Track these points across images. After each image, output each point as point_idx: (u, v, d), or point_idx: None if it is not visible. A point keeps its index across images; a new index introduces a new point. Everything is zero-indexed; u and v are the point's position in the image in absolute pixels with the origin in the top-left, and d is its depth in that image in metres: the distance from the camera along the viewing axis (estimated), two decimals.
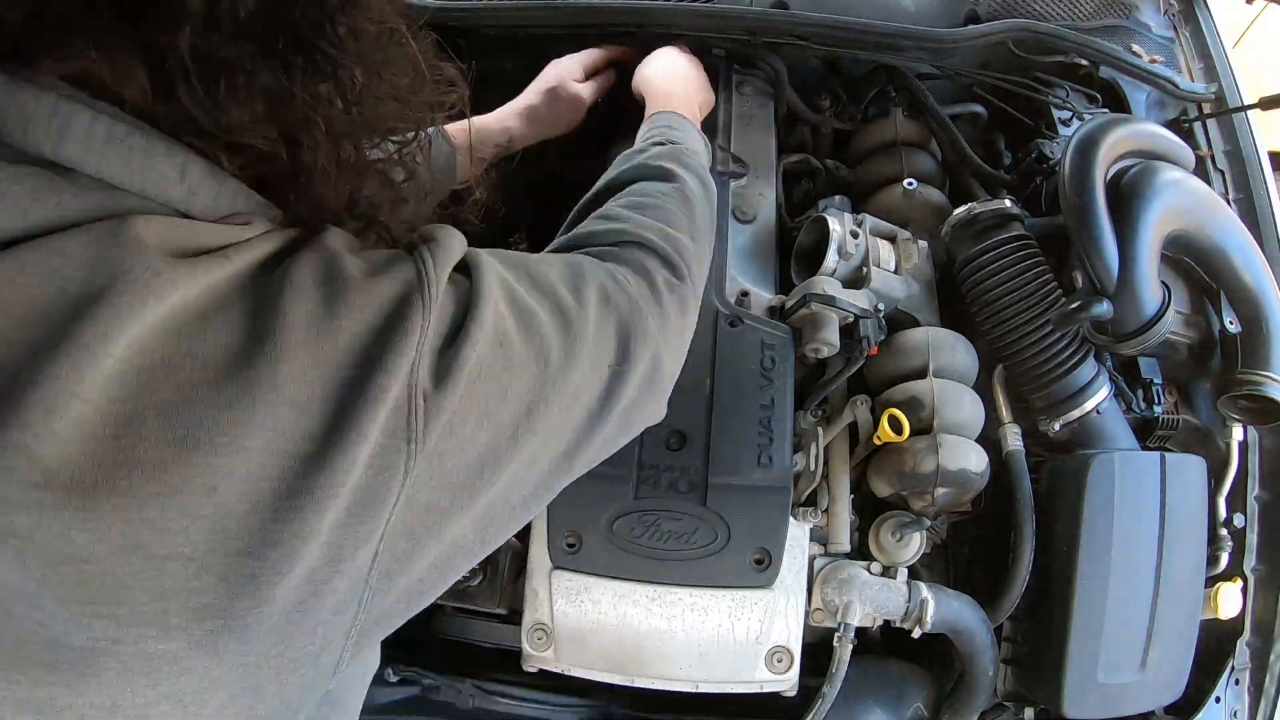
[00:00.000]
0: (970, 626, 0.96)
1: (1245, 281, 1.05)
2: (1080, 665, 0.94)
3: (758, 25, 1.26)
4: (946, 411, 0.99)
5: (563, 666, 0.92)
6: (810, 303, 1.00)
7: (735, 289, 1.08)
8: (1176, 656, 1.00)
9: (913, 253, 1.12)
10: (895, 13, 1.30)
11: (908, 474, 0.97)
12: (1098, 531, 0.96)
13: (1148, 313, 0.96)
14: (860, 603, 0.93)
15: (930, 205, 1.23)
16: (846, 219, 1.11)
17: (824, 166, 1.38)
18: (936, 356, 1.03)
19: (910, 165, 1.28)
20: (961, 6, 1.33)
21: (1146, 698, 0.99)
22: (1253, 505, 1.15)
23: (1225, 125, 1.38)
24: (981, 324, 1.09)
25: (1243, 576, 1.13)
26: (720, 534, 0.91)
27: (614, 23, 1.30)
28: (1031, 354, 1.03)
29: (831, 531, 1.00)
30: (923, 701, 1.03)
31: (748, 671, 0.90)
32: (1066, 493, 0.99)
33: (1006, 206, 1.10)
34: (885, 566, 0.98)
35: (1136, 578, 0.97)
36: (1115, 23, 1.38)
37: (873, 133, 1.37)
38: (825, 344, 0.99)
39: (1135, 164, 1.04)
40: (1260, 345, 1.02)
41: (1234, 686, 1.11)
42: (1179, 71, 1.39)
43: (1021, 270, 1.06)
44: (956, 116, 1.38)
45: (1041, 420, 1.05)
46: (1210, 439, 1.14)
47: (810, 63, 1.41)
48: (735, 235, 1.14)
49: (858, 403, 1.04)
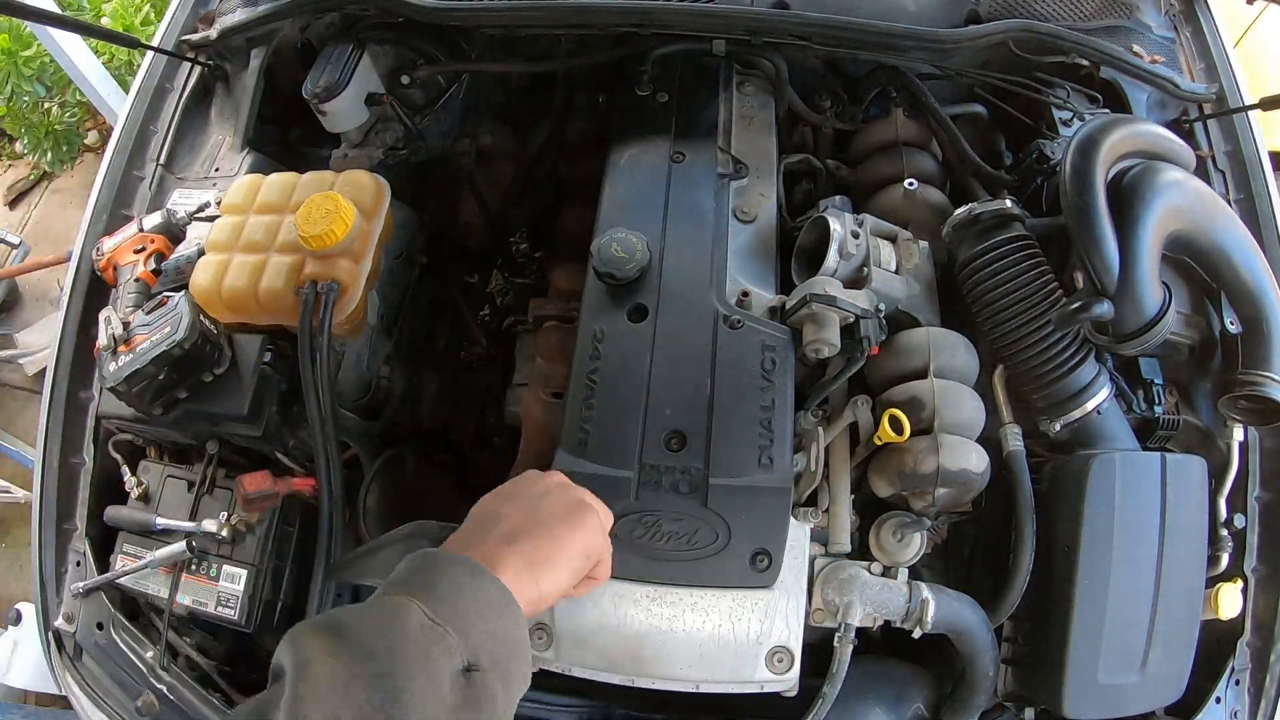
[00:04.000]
0: (970, 627, 0.96)
1: (1246, 282, 1.05)
2: (1081, 665, 0.94)
3: (758, 25, 1.26)
4: (947, 412, 0.98)
5: (563, 666, 0.92)
6: (811, 303, 1.00)
7: (736, 289, 1.08)
8: (1177, 657, 1.00)
9: (913, 253, 1.12)
10: (896, 13, 1.30)
11: (908, 474, 0.97)
12: (1098, 532, 0.96)
13: (1148, 313, 0.96)
14: (860, 603, 0.93)
15: (931, 205, 1.23)
16: (847, 219, 1.11)
17: (824, 167, 1.38)
18: (937, 356, 1.03)
19: (911, 165, 1.28)
20: (962, 7, 1.33)
21: (1147, 698, 0.99)
22: (1253, 506, 1.15)
23: (1226, 125, 1.38)
24: (982, 324, 1.09)
25: (1243, 577, 1.13)
26: (721, 534, 0.91)
27: (614, 23, 1.30)
28: (1032, 354, 1.03)
29: (832, 531, 1.00)
30: (923, 701, 1.03)
31: (748, 671, 0.90)
32: (1067, 493, 0.99)
33: (1007, 207, 1.10)
34: (886, 567, 0.98)
35: (1137, 578, 0.97)
36: (1116, 23, 1.38)
37: (873, 133, 1.37)
38: (826, 344, 0.99)
39: (1136, 164, 1.04)
40: (1261, 345, 1.02)
41: (1234, 687, 1.11)
42: (1180, 72, 1.39)
43: (1022, 270, 1.06)
44: (957, 117, 1.38)
45: (1042, 420, 1.05)
46: (1211, 439, 1.14)
47: (811, 63, 1.41)
48: (736, 236, 1.14)
49: (858, 403, 1.04)
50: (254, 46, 1.43)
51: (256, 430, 1.12)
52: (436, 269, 1.60)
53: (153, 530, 1.16)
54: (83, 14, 2.81)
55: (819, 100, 1.41)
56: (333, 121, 1.35)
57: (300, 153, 1.50)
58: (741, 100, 1.30)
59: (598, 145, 1.30)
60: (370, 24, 1.39)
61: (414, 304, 1.49)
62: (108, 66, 2.73)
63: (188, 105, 1.45)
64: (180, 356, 1.06)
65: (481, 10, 1.28)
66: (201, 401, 1.11)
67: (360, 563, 1.09)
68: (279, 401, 1.15)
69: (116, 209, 1.38)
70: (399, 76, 1.38)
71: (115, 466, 1.24)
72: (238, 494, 1.11)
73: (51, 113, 3.01)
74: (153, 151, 1.42)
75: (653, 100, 1.30)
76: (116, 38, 1.69)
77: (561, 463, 0.96)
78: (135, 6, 2.77)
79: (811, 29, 1.24)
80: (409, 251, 1.45)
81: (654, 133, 1.25)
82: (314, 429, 1.10)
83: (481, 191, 1.69)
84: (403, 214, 1.41)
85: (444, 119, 1.48)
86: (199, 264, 1.15)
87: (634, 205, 1.16)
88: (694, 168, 1.20)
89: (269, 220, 1.17)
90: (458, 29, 1.40)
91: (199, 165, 1.41)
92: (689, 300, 1.05)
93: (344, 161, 1.41)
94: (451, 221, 1.74)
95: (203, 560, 1.15)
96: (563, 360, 1.17)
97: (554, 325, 1.28)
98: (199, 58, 1.47)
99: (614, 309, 1.07)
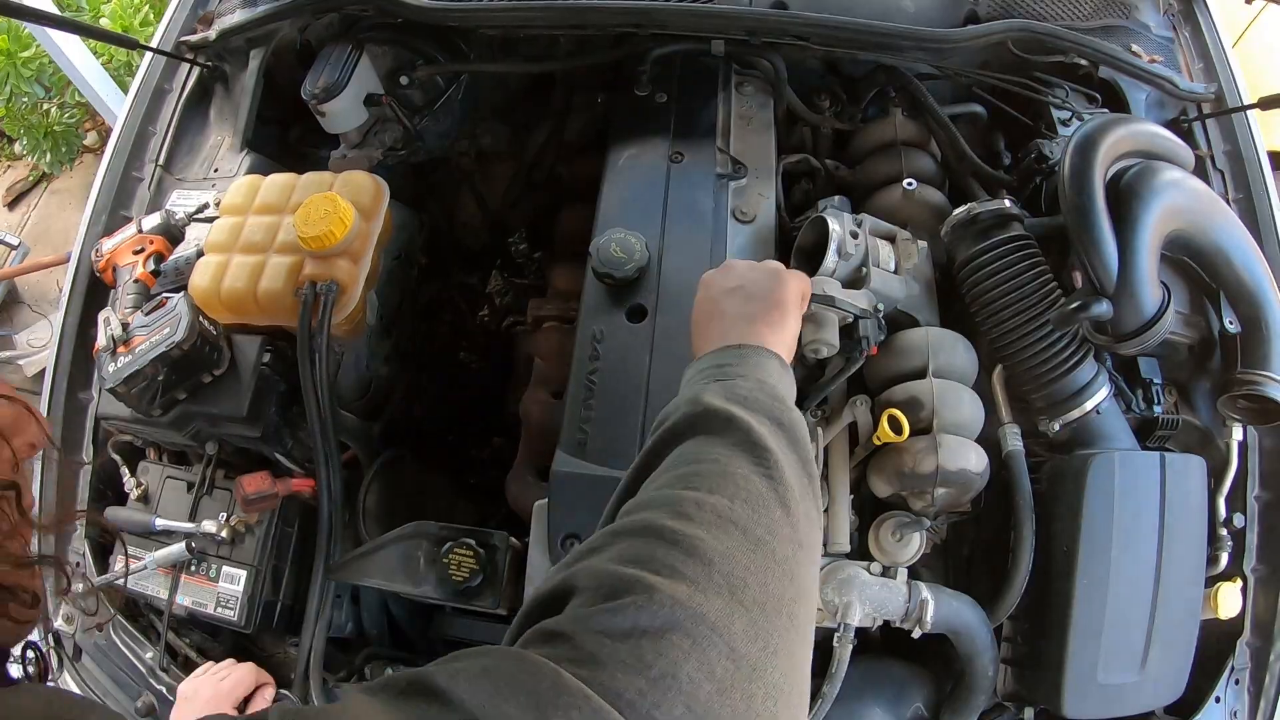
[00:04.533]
0: (970, 626, 0.96)
1: (1245, 281, 1.05)
2: (1080, 665, 0.94)
3: (758, 25, 1.26)
4: (946, 411, 0.98)
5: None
6: (810, 303, 1.00)
7: None
8: (1176, 656, 1.00)
9: (912, 253, 1.12)
10: (895, 13, 1.30)
11: (908, 474, 0.97)
12: (1098, 531, 0.96)
13: (1147, 313, 0.96)
14: (860, 603, 0.93)
15: (930, 205, 1.23)
16: (846, 219, 1.11)
17: (824, 167, 1.38)
18: (936, 356, 1.03)
19: (910, 165, 1.28)
20: (960, 6, 1.33)
21: (1146, 698, 0.99)
22: (1253, 505, 1.15)
23: (1225, 125, 1.38)
24: (981, 324, 1.09)
25: (1243, 576, 1.13)
26: None
27: (613, 23, 1.30)
28: (1031, 354, 1.03)
29: (831, 531, 1.00)
30: (923, 701, 1.03)
31: None
32: (1066, 493, 0.99)
33: (1006, 207, 1.10)
34: (885, 567, 0.98)
35: (1136, 578, 0.97)
36: (1115, 23, 1.38)
37: (872, 133, 1.37)
38: (825, 344, 0.99)
39: (1135, 164, 1.04)
40: (1260, 345, 1.02)
41: (1234, 686, 1.11)
42: (1179, 71, 1.39)
43: (1021, 270, 1.06)
44: (956, 116, 1.38)
45: (1041, 420, 1.05)
46: (1210, 439, 1.13)
47: (809, 63, 1.41)
48: (734, 236, 1.14)
49: (857, 403, 1.04)
50: (253, 47, 1.43)
51: (256, 431, 1.12)
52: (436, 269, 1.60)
53: (152, 531, 1.16)
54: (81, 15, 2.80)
55: (818, 100, 1.41)
56: (332, 122, 1.35)
57: (299, 153, 1.50)
58: (740, 100, 1.30)
59: (597, 145, 1.30)
60: (369, 24, 1.39)
61: (413, 304, 1.49)
62: (107, 67, 2.73)
63: (187, 106, 1.45)
64: (179, 357, 1.06)
65: (480, 11, 1.28)
66: (201, 402, 1.11)
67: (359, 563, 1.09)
68: (278, 402, 1.15)
69: (115, 210, 1.38)
70: (398, 77, 1.38)
71: (115, 467, 1.24)
72: (237, 495, 1.11)
73: (50, 114, 3.00)
74: (152, 152, 1.42)
75: (651, 100, 1.30)
76: (115, 39, 1.68)
77: (561, 463, 0.96)
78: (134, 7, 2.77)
79: (810, 29, 1.24)
80: (408, 252, 1.45)
81: (653, 133, 1.25)
82: (313, 429, 1.10)
83: (481, 192, 1.70)
84: (402, 214, 1.41)
85: (443, 119, 1.48)
86: (198, 265, 1.15)
87: (633, 205, 1.16)
88: (693, 168, 1.20)
89: (268, 221, 1.17)
90: (456, 29, 1.40)
91: (198, 166, 1.41)
92: (688, 300, 1.04)
93: (343, 162, 1.41)
94: (450, 222, 1.75)
95: (202, 561, 1.15)
96: (562, 360, 1.17)
97: (553, 325, 1.28)
98: (198, 59, 1.47)
99: (613, 309, 1.07)
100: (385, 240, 1.23)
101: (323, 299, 1.09)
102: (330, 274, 1.10)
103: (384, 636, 1.29)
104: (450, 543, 1.06)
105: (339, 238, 1.09)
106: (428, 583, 1.06)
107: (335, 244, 1.10)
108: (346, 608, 1.24)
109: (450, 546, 1.05)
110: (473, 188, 1.68)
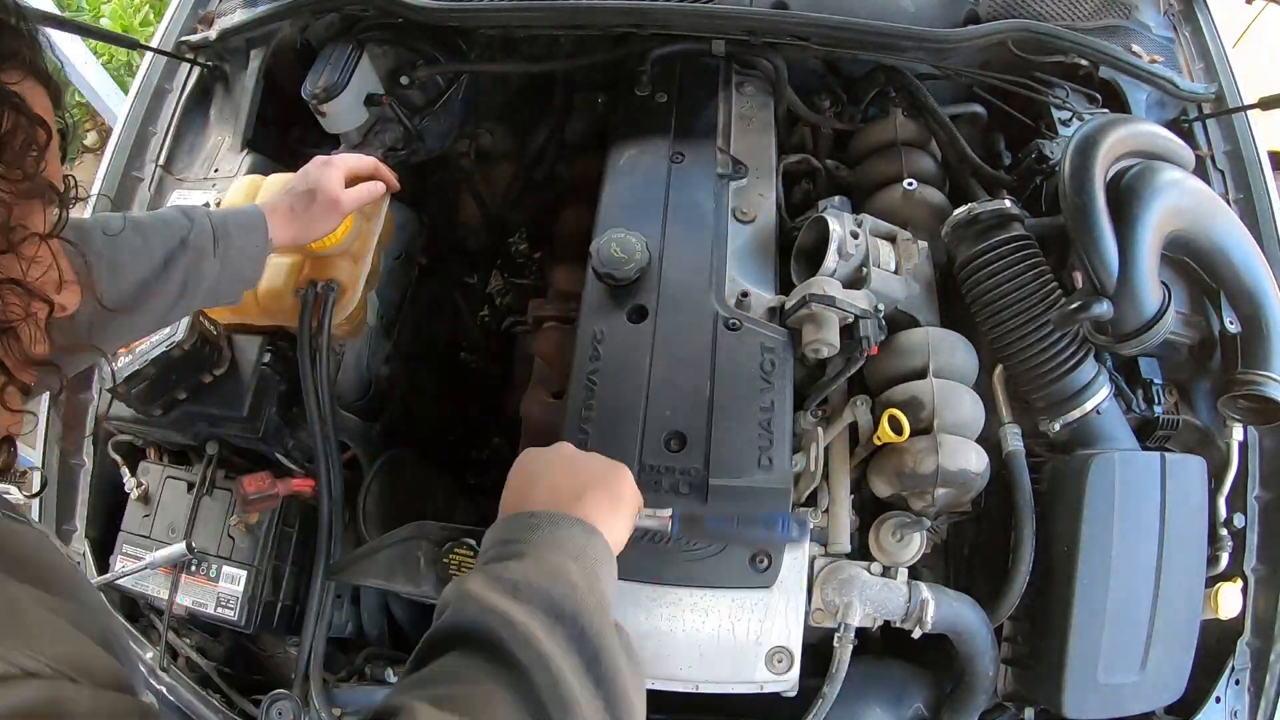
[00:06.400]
0: (970, 627, 0.96)
1: (1245, 281, 1.05)
2: (1080, 665, 0.94)
3: (758, 25, 1.26)
4: (946, 412, 0.98)
5: None
6: (810, 303, 1.00)
7: (735, 290, 1.08)
8: (1176, 656, 1.00)
9: (913, 253, 1.12)
10: (895, 13, 1.30)
11: (908, 474, 0.97)
12: (1098, 532, 0.96)
13: (1148, 313, 0.96)
14: (860, 603, 0.93)
15: (930, 206, 1.23)
16: (846, 219, 1.11)
17: (824, 167, 1.38)
18: (936, 357, 1.03)
19: (910, 166, 1.28)
20: (961, 7, 1.33)
21: (1146, 698, 0.99)
22: (1253, 505, 1.15)
23: (1225, 125, 1.38)
24: (981, 324, 1.09)
25: (1243, 576, 1.13)
26: None
27: (613, 23, 1.30)
28: (1031, 354, 1.03)
29: (831, 532, 1.00)
30: (923, 702, 1.03)
31: (748, 672, 0.90)
32: (1067, 493, 0.99)
33: (1006, 207, 1.10)
34: (885, 567, 0.98)
35: (1136, 578, 0.97)
36: (1115, 23, 1.38)
37: (872, 133, 1.37)
38: (825, 344, 0.99)
39: (1135, 164, 1.04)
40: (1260, 345, 1.02)
41: (1234, 686, 1.11)
42: (1179, 71, 1.39)
43: (1021, 270, 1.06)
44: (956, 117, 1.38)
45: (1042, 420, 1.05)
46: (1210, 439, 1.14)
47: (810, 63, 1.41)
48: (735, 236, 1.14)
49: (858, 403, 1.04)
50: (253, 47, 1.42)
51: (256, 431, 1.12)
52: (436, 269, 1.60)
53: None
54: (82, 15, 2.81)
55: (818, 100, 1.41)
56: (332, 122, 1.35)
57: (299, 153, 1.49)
58: (741, 100, 1.30)
59: (597, 146, 1.30)
60: (369, 24, 1.39)
61: (414, 304, 1.49)
62: (107, 67, 2.73)
63: (187, 106, 1.45)
64: (180, 358, 1.06)
65: (480, 11, 1.28)
66: (201, 402, 1.11)
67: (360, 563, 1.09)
68: (279, 402, 1.15)
69: (115, 210, 1.38)
70: (398, 77, 1.38)
71: (115, 468, 1.24)
72: (237, 495, 1.11)
73: None
74: (152, 152, 1.42)
75: (652, 101, 1.30)
76: (115, 39, 1.68)
77: None
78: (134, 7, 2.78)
79: (810, 29, 1.24)
80: (408, 252, 1.45)
81: (653, 133, 1.25)
82: (314, 429, 1.10)
83: (480, 192, 1.69)
84: (402, 214, 1.41)
85: (443, 120, 1.48)
86: None
87: (633, 206, 1.16)
88: (693, 168, 1.20)
89: None
90: (457, 29, 1.40)
91: (198, 166, 1.41)
92: (688, 301, 1.05)
93: None
94: (451, 222, 1.74)
95: (202, 561, 1.15)
96: (562, 361, 1.17)
97: (554, 326, 1.28)
98: (198, 59, 1.47)
99: (613, 309, 1.07)
100: (386, 240, 1.23)
101: (323, 299, 1.09)
102: (331, 274, 1.10)
103: (384, 636, 1.29)
104: (450, 543, 1.05)
105: (339, 238, 1.09)
106: (428, 583, 1.06)
107: (336, 244, 1.10)
108: (346, 608, 1.24)
109: (450, 547, 1.05)
110: (473, 188, 1.68)
